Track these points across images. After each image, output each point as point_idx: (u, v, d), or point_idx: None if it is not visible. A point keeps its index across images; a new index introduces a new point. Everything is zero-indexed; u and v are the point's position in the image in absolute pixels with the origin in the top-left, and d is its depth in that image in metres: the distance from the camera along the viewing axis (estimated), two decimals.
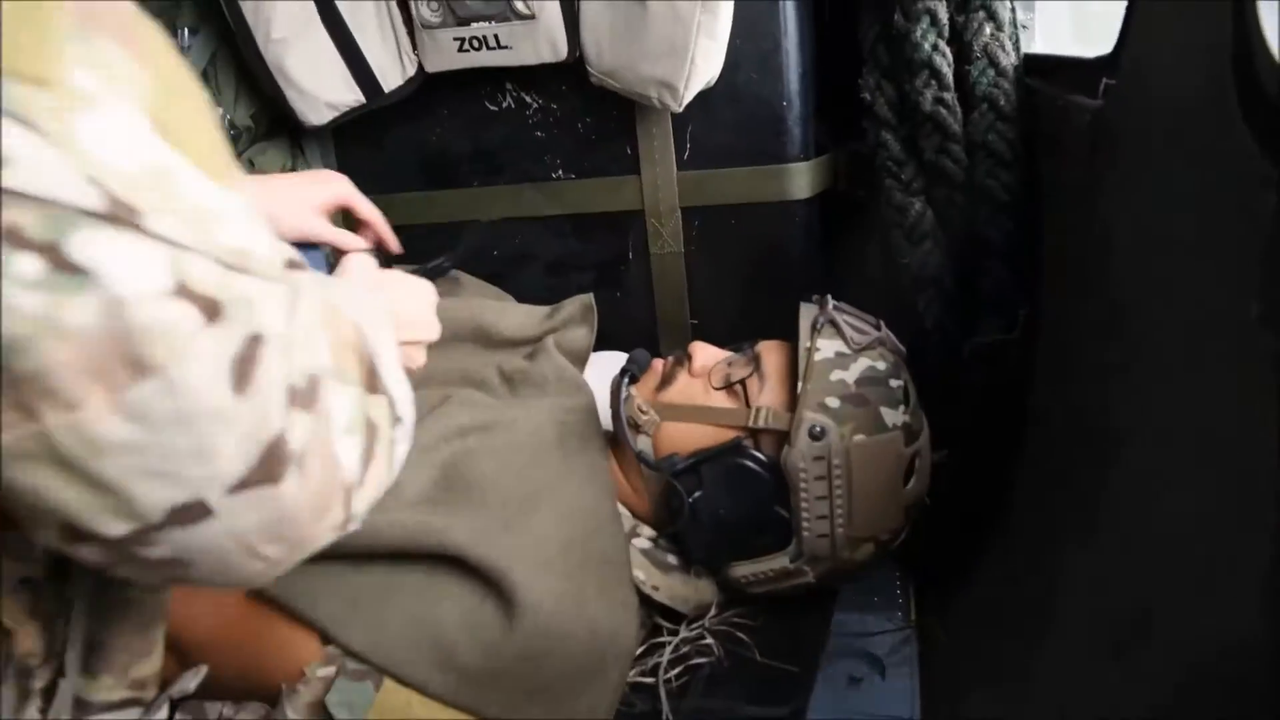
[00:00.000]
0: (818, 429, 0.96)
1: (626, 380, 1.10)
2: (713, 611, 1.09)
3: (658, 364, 1.13)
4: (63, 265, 0.37)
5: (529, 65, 1.28)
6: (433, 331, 0.79)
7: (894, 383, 1.01)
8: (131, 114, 0.41)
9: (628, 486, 1.12)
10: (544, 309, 1.32)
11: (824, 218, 1.40)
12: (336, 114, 1.37)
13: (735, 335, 1.18)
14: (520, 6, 1.25)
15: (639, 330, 1.45)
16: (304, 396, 0.45)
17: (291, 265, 0.48)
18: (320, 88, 1.34)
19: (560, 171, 1.38)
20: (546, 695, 0.88)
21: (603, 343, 1.38)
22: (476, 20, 1.26)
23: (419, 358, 0.78)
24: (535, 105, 1.37)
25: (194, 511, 0.43)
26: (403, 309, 0.73)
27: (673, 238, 1.40)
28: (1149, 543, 0.67)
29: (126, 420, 0.40)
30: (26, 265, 0.36)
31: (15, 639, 0.51)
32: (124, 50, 0.41)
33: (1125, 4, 0.85)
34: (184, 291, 0.40)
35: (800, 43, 1.30)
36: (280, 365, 0.44)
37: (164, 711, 0.61)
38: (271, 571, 0.49)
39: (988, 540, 1.08)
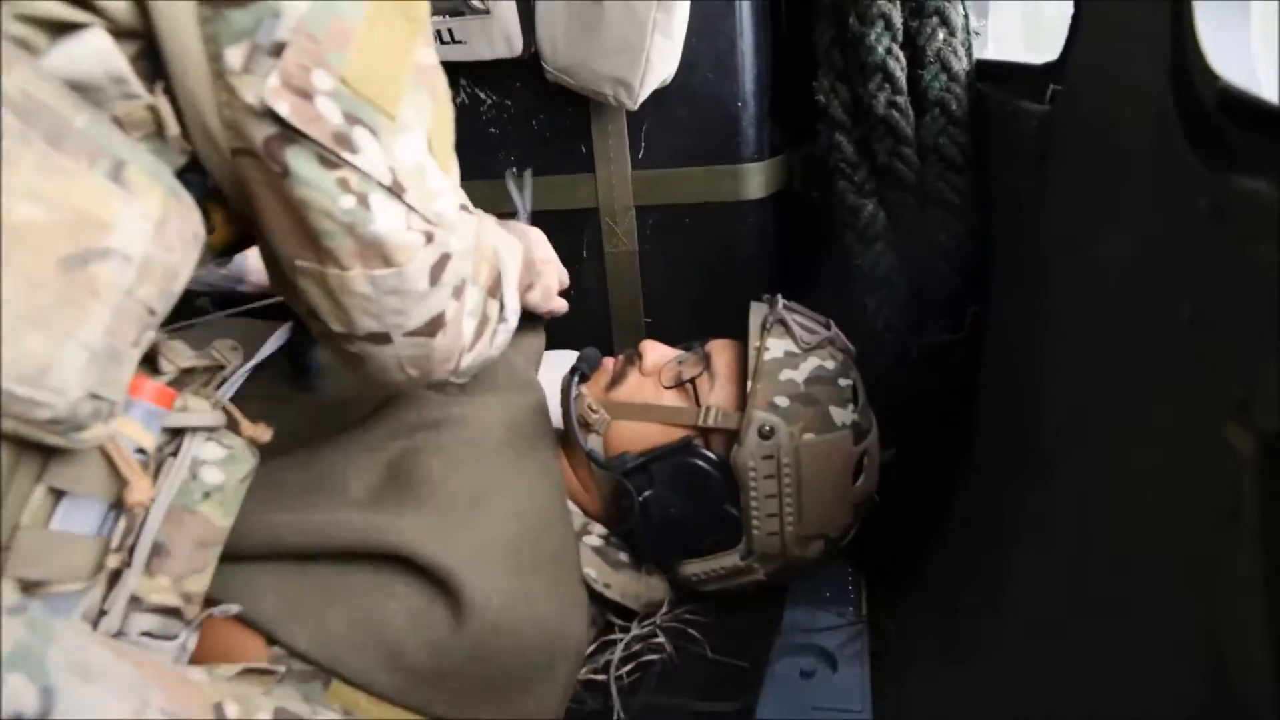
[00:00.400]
0: (767, 428, 0.97)
1: (577, 379, 1.10)
2: (664, 609, 1.09)
3: (609, 362, 1.13)
4: (365, 204, 0.65)
5: (483, 61, 1.27)
6: (564, 275, 1.15)
7: (843, 382, 1.02)
8: (420, 135, 0.69)
9: (579, 485, 1.12)
10: None
11: (778, 218, 1.41)
12: None
13: (689, 334, 1.18)
14: (475, 2, 1.24)
15: (593, 329, 1.45)
16: (457, 291, 0.75)
17: (464, 208, 0.78)
18: None
19: (514, 168, 1.37)
20: (496, 694, 0.88)
21: (557, 341, 1.37)
22: (430, 15, 1.25)
23: (556, 283, 1.13)
24: (489, 101, 1.36)
25: (380, 339, 0.73)
26: (540, 254, 1.10)
27: (627, 236, 1.40)
28: (1090, 539, 0.68)
29: (370, 285, 0.69)
30: (347, 201, 0.64)
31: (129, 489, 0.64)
32: (428, 93, 0.69)
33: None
34: (415, 228, 0.68)
35: (756, 44, 1.31)
36: (452, 272, 0.73)
37: (194, 638, 0.72)
38: (405, 385, 0.79)
39: (938, 536, 1.09)
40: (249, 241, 0.76)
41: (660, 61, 1.22)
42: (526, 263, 1.01)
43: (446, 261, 0.72)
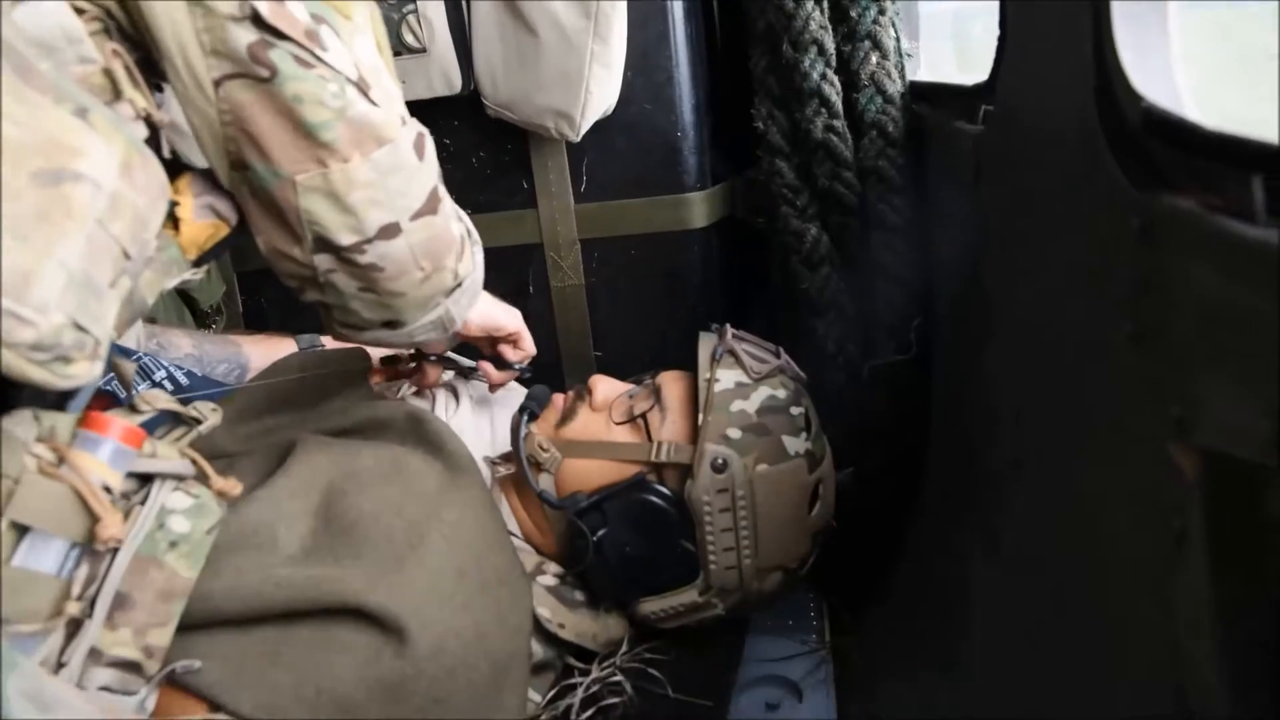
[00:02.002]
0: (720, 461, 0.96)
1: (526, 417, 1.08)
2: (624, 648, 1.07)
3: (558, 399, 1.11)
4: (344, 93, 0.70)
5: (421, 100, 1.26)
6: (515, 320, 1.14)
7: (795, 410, 1.01)
8: (370, 38, 0.74)
9: (532, 525, 1.10)
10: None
11: (723, 245, 1.41)
12: None
13: (640, 366, 1.17)
14: (411, 40, 1.23)
15: (542, 364, 1.43)
16: (438, 174, 0.81)
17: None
18: None
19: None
20: None
21: None
22: None
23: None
24: None
25: (390, 231, 0.76)
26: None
27: (573, 270, 1.39)
28: (1041, 557, 0.68)
29: (371, 169, 0.73)
30: (333, 87, 0.70)
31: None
32: (367, 6, 0.75)
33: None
34: (390, 112, 0.74)
35: (693, 74, 1.32)
36: (429, 150, 0.79)
37: (154, 697, 0.71)
38: (422, 285, 0.82)
39: (897, 558, 1.09)
40: (219, 249, 0.80)
41: (600, 92, 1.22)
42: None
43: (423, 140, 0.78)
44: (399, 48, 1.23)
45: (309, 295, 0.83)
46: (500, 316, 1.12)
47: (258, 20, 0.66)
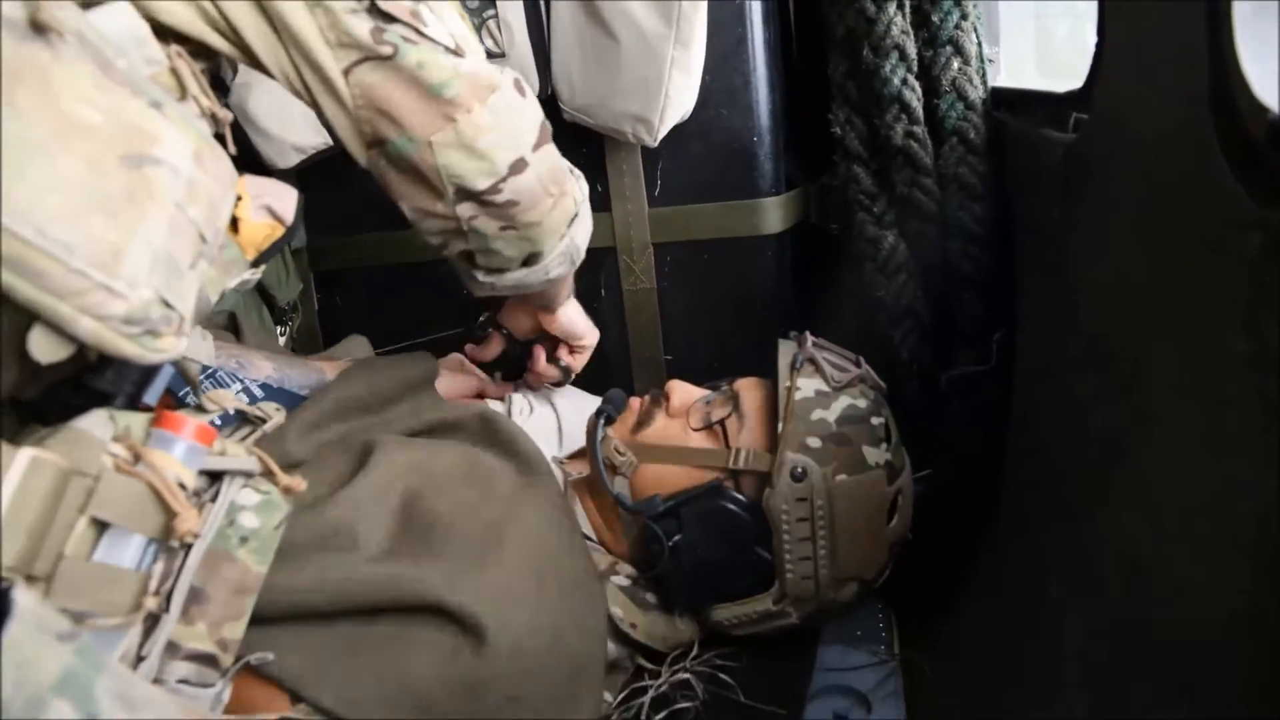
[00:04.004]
0: (799, 470, 0.95)
1: (603, 421, 1.08)
2: (694, 651, 1.07)
3: (634, 403, 1.11)
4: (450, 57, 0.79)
5: None
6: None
7: (875, 420, 1.00)
8: (454, 11, 0.81)
9: (605, 528, 1.10)
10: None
11: (796, 252, 1.40)
12: (303, 157, 1.36)
13: (710, 371, 1.17)
14: (490, 44, 1.24)
15: (613, 367, 1.44)
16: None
17: None
18: (286, 131, 1.32)
19: None
20: None
21: (577, 379, 1.36)
22: None
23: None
24: None
25: (519, 166, 0.83)
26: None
27: (645, 274, 1.39)
28: (1134, 578, 0.66)
29: (490, 114, 0.80)
30: (443, 53, 0.78)
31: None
32: None
33: (1094, 37, 0.85)
34: (488, 65, 0.83)
35: (770, 78, 1.31)
36: (529, 88, 0.87)
37: (229, 689, 0.72)
38: (553, 210, 0.88)
39: (972, 573, 1.07)
40: (274, 249, 0.86)
41: (679, 98, 1.22)
42: None
43: (520, 82, 0.86)
44: None
45: (455, 247, 0.91)
46: (583, 326, 1.20)
47: (373, 9, 0.75)
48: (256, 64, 0.79)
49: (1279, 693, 0.45)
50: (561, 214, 0.90)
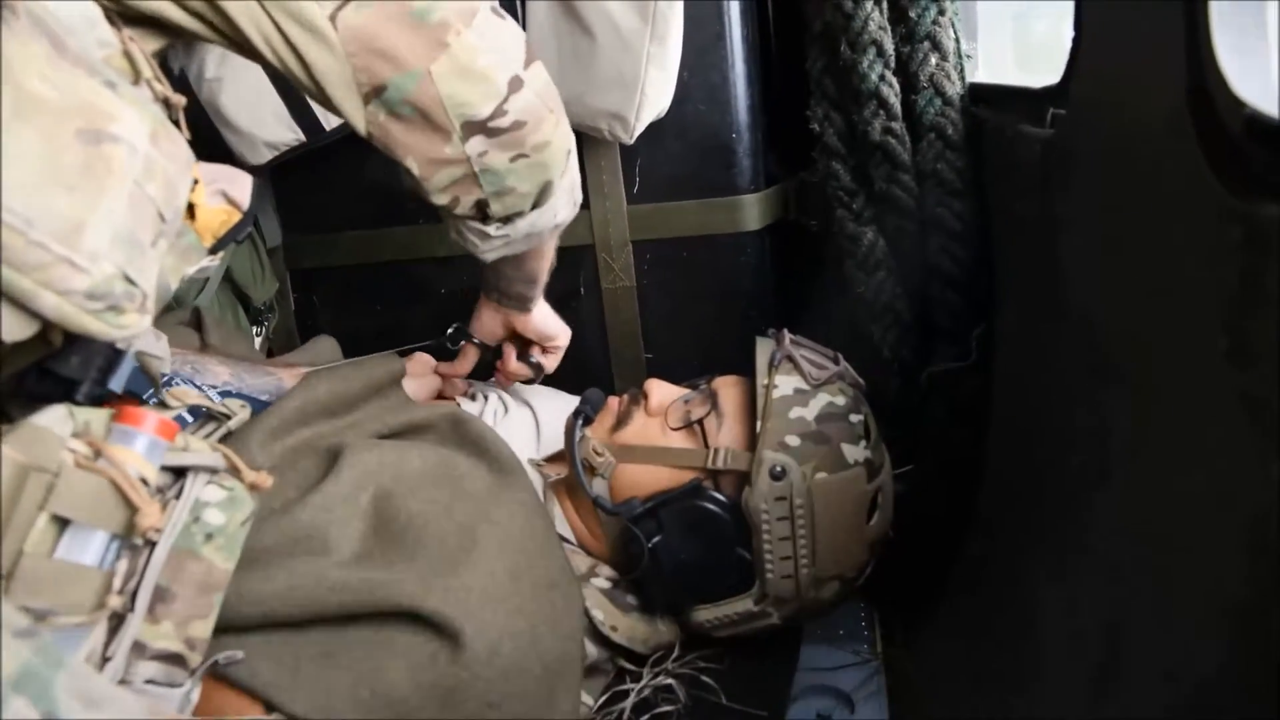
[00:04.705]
0: (779, 469, 0.94)
1: (580, 421, 1.07)
2: (675, 653, 1.06)
3: (613, 402, 1.10)
4: None
5: None
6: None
7: (854, 418, 1.00)
8: None
9: (584, 529, 1.09)
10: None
11: (776, 248, 1.40)
12: (276, 153, 1.34)
13: (690, 369, 1.16)
14: None
15: (592, 366, 1.43)
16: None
17: None
18: (258, 127, 1.31)
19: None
20: None
21: (556, 379, 1.35)
22: None
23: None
24: None
25: (515, 83, 0.82)
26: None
27: (624, 272, 1.38)
28: (1119, 574, 0.66)
29: (478, 35, 0.79)
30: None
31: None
32: None
33: (1070, 33, 0.85)
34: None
35: (748, 75, 1.30)
36: (507, 15, 0.84)
37: (198, 689, 0.71)
38: (557, 129, 0.87)
39: (954, 570, 1.07)
40: (232, 235, 0.83)
41: (655, 94, 1.21)
42: None
43: (496, 7, 0.84)
44: None
45: (467, 199, 0.88)
46: (556, 326, 1.20)
47: None
48: (234, 37, 0.77)
49: (1268, 691, 0.44)
50: (564, 134, 0.89)
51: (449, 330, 1.21)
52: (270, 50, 0.78)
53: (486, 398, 1.24)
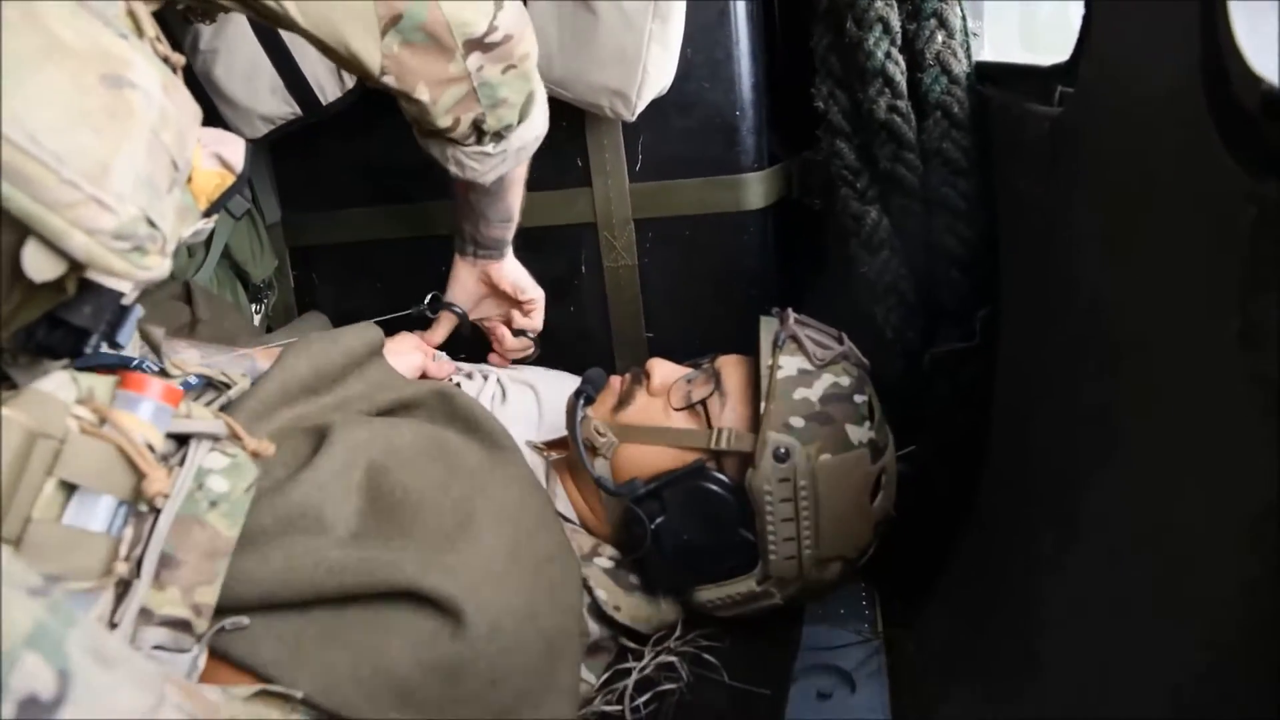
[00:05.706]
0: (782, 450, 0.94)
1: (582, 401, 1.07)
2: (678, 632, 1.07)
3: (615, 382, 1.10)
4: None
5: None
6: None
7: (858, 398, 0.99)
8: None
9: (586, 509, 1.09)
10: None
11: (779, 228, 1.39)
12: (271, 127, 1.33)
13: (692, 348, 1.16)
14: None
15: (593, 345, 1.43)
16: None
17: None
18: (253, 100, 1.29)
19: None
20: (510, 713, 0.85)
21: (557, 359, 1.35)
22: None
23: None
24: None
25: (493, 38, 0.91)
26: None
27: (626, 250, 1.37)
28: (1122, 556, 0.66)
29: None
30: None
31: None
32: None
33: (1079, 11, 0.84)
34: None
35: (752, 52, 1.29)
36: None
37: (205, 655, 0.72)
38: (530, 39, 0.97)
39: (956, 551, 1.07)
40: (225, 198, 0.85)
41: (657, 72, 1.20)
42: None
43: None
44: None
45: (466, 115, 0.96)
46: (526, 280, 1.26)
47: None
48: None
49: (1271, 671, 0.44)
50: (533, 42, 0.98)
51: (426, 299, 1.23)
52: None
53: (485, 378, 1.24)
